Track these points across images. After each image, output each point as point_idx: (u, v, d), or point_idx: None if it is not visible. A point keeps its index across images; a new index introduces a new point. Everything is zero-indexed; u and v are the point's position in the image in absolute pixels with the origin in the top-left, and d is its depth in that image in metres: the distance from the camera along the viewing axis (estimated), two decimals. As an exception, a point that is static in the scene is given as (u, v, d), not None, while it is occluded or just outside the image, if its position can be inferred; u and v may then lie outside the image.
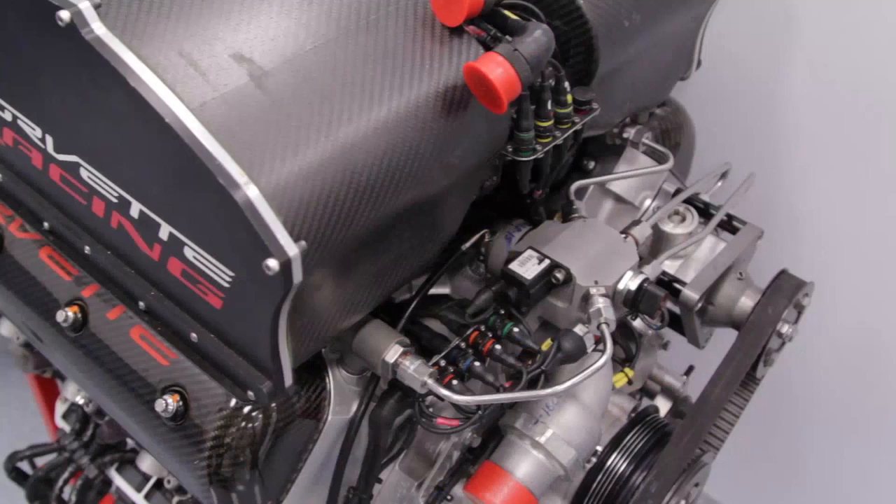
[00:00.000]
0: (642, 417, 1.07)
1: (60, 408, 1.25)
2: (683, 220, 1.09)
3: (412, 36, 0.79)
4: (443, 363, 0.89)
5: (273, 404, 0.84)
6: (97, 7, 0.71)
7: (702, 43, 1.11)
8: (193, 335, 0.81)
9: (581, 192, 1.05)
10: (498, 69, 0.75)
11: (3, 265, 1.00)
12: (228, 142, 0.68)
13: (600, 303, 0.89)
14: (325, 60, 0.75)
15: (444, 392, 0.83)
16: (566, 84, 0.87)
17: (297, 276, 0.68)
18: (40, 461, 1.31)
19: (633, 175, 1.08)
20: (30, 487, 1.22)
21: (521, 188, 0.92)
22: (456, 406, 0.87)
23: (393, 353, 0.85)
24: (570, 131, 0.89)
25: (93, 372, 0.93)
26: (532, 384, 0.88)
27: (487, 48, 0.81)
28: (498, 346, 0.89)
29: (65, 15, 0.70)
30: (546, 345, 0.90)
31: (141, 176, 0.76)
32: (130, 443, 1.20)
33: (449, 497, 1.02)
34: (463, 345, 0.91)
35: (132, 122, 0.72)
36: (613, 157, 1.13)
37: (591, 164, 1.13)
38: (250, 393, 0.79)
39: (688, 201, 1.12)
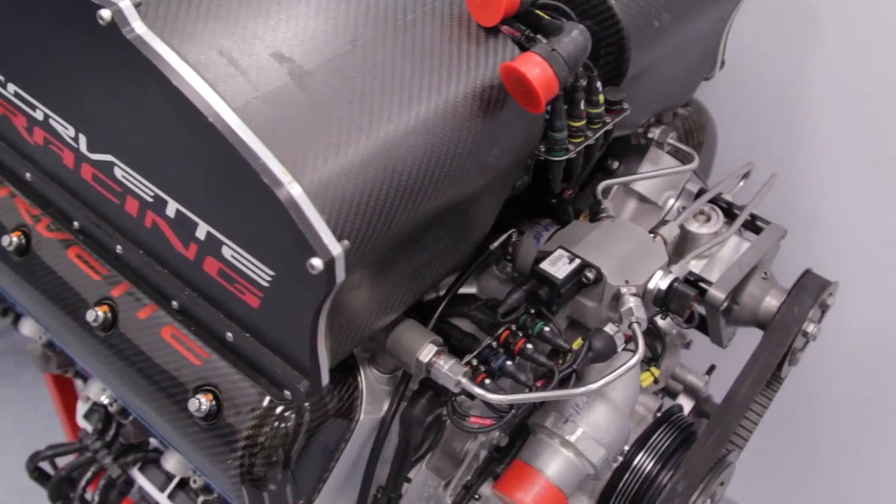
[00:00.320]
0: (668, 417, 1.07)
1: (82, 407, 1.25)
2: (708, 219, 1.09)
3: (448, 35, 0.79)
4: (474, 362, 0.89)
5: (306, 404, 0.84)
6: (137, 6, 0.71)
7: (726, 43, 1.12)
8: (229, 335, 0.81)
9: (605, 192, 1.05)
10: (536, 69, 0.75)
11: (29, 265, 1.00)
12: (271, 141, 0.68)
13: (631, 302, 0.89)
14: (364, 60, 0.75)
15: (478, 391, 0.84)
16: (598, 84, 0.87)
17: (340, 275, 0.68)
18: (60, 461, 1.32)
19: (660, 174, 1.08)
20: (52, 488, 1.22)
21: (552, 188, 0.92)
22: (488, 405, 0.87)
23: (427, 352, 0.85)
24: (602, 131, 0.89)
25: (122, 371, 0.93)
26: (563, 383, 0.88)
27: (522, 48, 0.82)
28: (529, 346, 0.89)
29: (106, 14, 0.70)
30: (577, 344, 0.90)
31: (179, 175, 0.76)
32: (153, 442, 1.20)
33: (477, 496, 1.02)
34: (494, 344, 0.91)
35: (172, 121, 0.72)
36: (637, 157, 1.13)
37: (615, 164, 1.13)
38: (287, 392, 0.79)
39: (712, 201, 1.12)
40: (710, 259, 1.09)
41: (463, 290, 1.02)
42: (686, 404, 1.23)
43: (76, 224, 0.94)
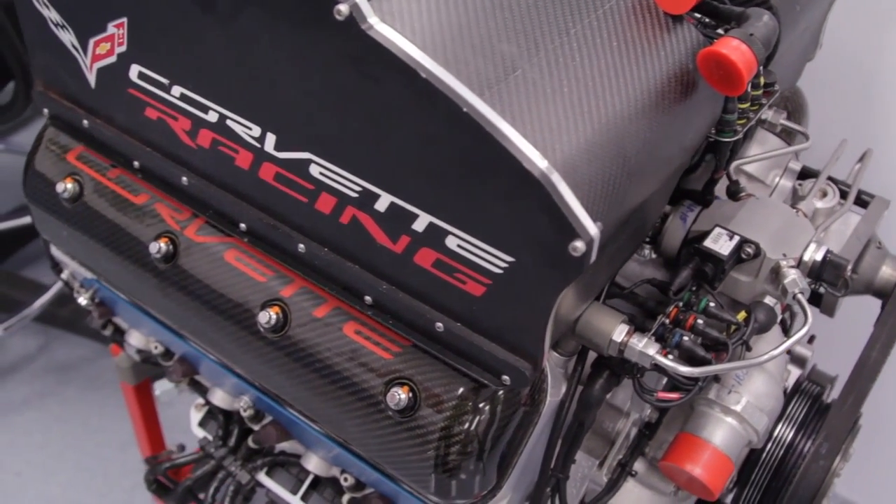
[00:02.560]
0: (799, 386, 1.12)
1: (195, 416, 1.23)
2: (825, 195, 1.14)
3: (643, 24, 0.82)
4: (652, 340, 0.92)
5: (500, 392, 0.85)
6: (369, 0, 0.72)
7: (825, 25, 1.17)
8: (438, 325, 0.82)
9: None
10: (738, 53, 0.78)
11: (177, 271, 0.99)
12: (521, 126, 0.69)
13: (793, 274, 0.94)
14: (580, 49, 0.77)
15: (671, 365, 0.86)
16: (761, 67, 0.91)
17: (593, 256, 0.70)
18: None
19: (781, 153, 1.13)
20: (178, 498, 1.19)
21: (718, 168, 0.96)
22: (673, 379, 0.90)
23: (619, 332, 0.88)
24: (761, 112, 0.93)
25: (295, 372, 0.93)
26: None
27: (703, 34, 0.85)
28: (700, 321, 0.93)
29: (344, 8, 0.70)
30: (741, 316, 0.94)
31: (401, 168, 0.76)
32: (279, 446, 1.19)
33: (633, 472, 1.05)
34: (666, 321, 0.94)
35: (411, 114, 0.72)
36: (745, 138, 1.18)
37: (725, 146, 1.17)
38: (505, 377, 0.81)
39: (813, 176, 1.18)
40: (825, 232, 1.14)
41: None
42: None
43: (243, 226, 0.93)
